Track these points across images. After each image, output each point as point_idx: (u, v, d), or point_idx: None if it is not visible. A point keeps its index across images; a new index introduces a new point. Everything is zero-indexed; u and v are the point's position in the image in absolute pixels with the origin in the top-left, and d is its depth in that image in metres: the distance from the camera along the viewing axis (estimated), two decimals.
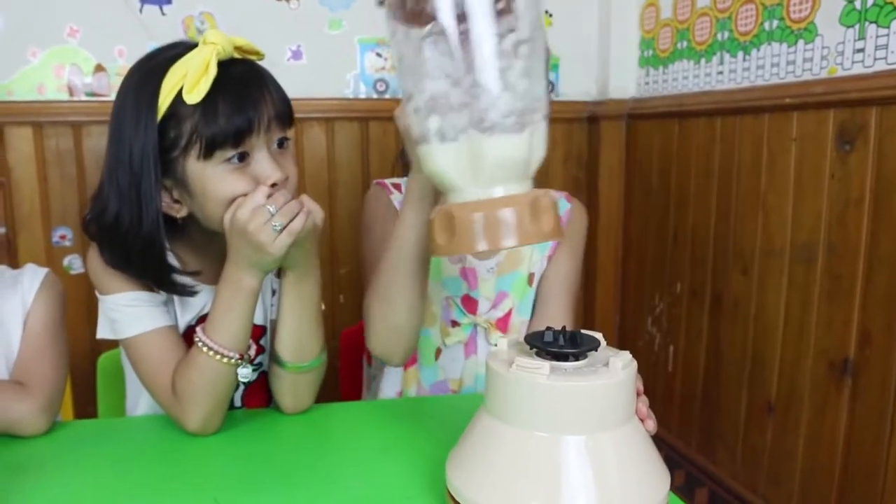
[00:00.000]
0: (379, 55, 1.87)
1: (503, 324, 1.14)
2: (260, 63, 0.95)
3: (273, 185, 0.87)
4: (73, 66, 1.72)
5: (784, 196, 1.46)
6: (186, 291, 0.94)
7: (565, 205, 1.20)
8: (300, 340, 0.94)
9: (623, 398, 0.63)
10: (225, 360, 0.88)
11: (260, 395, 1.08)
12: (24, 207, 1.71)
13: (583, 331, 0.67)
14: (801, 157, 1.42)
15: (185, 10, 1.75)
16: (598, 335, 0.68)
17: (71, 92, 1.73)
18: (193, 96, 0.84)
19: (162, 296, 0.96)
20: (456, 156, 0.70)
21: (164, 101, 0.86)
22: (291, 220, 0.83)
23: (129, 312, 0.94)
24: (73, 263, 1.77)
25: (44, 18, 1.69)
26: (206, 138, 0.86)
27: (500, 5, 0.69)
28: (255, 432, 0.93)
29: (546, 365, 0.62)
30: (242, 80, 0.89)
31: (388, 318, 0.97)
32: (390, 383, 1.16)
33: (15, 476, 0.79)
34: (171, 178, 0.90)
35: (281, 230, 0.82)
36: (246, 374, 0.91)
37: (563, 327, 0.67)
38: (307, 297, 0.93)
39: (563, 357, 0.64)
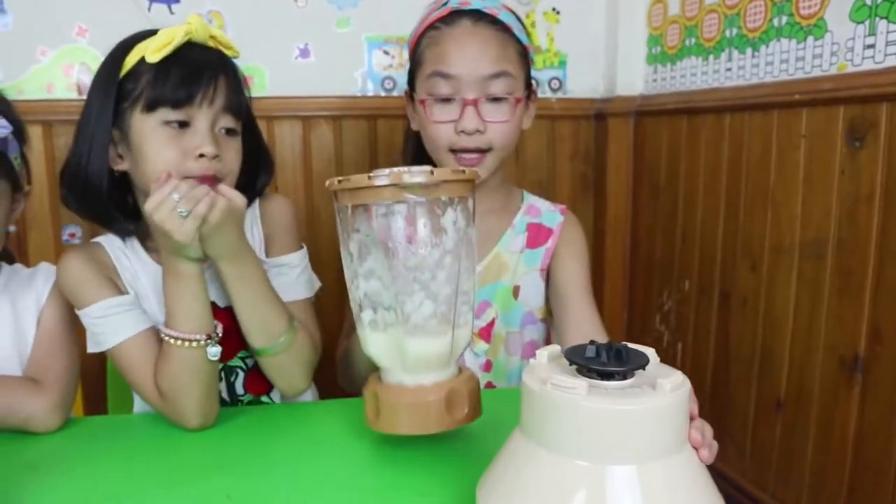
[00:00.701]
0: (386, 53, 1.87)
1: (486, 333, 1.14)
2: (233, 59, 1.01)
3: (201, 157, 0.92)
4: (82, 65, 1.73)
5: (793, 192, 1.45)
6: (127, 232, 1.00)
7: (559, 218, 1.19)
8: (262, 324, 0.96)
9: (673, 424, 0.56)
10: (194, 344, 0.89)
11: (260, 381, 1.09)
12: (34, 205, 1.72)
13: (630, 345, 0.60)
14: (811, 154, 1.41)
15: (194, 8, 1.75)
16: (650, 351, 0.61)
17: (80, 91, 1.73)
18: (154, 56, 0.91)
19: (131, 295, 0.98)
20: (385, 345, 0.77)
21: (130, 61, 0.94)
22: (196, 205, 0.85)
23: (106, 323, 0.96)
24: None
25: (53, 18, 1.70)
26: (152, 93, 0.92)
27: (425, 225, 0.74)
28: (268, 428, 0.93)
29: (583, 384, 0.55)
30: (204, 59, 0.96)
31: (350, 380, 1.08)
32: None
33: (28, 473, 0.80)
34: (118, 129, 0.95)
35: (187, 216, 0.84)
36: (215, 352, 0.91)
37: (610, 343, 0.59)
38: (249, 280, 0.95)
39: (606, 375, 0.57)
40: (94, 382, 1.37)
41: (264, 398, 1.14)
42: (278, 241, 1.08)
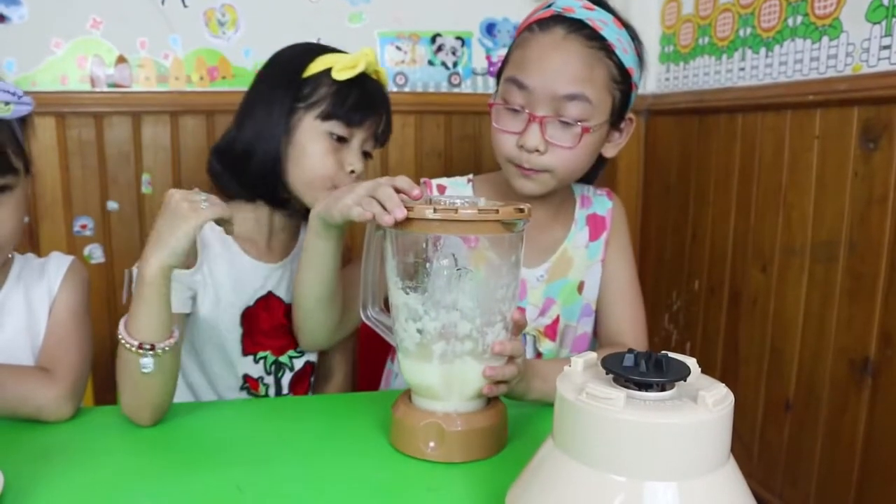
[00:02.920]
0: (399, 48, 1.87)
1: (552, 331, 1.12)
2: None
3: (351, 172, 1.08)
4: (96, 58, 1.73)
5: (805, 194, 1.45)
6: (294, 209, 1.13)
7: (607, 203, 1.19)
8: None
9: (716, 439, 0.53)
10: (129, 347, 0.86)
11: (303, 383, 1.17)
12: (46, 197, 1.73)
13: (671, 354, 0.57)
14: (824, 155, 1.40)
15: (207, 2, 1.75)
16: (691, 361, 0.58)
17: (93, 83, 1.74)
18: (342, 74, 1.05)
19: (189, 272, 1.01)
20: (448, 375, 0.78)
21: (314, 68, 1.07)
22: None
23: None
24: (94, 253, 1.78)
25: (67, 10, 1.70)
26: (332, 106, 1.06)
27: (513, 257, 0.77)
28: (278, 420, 0.94)
29: (621, 395, 0.52)
30: (377, 92, 1.12)
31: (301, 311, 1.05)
32: None
33: (39, 461, 0.80)
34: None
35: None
36: (146, 363, 0.86)
37: (650, 353, 0.56)
38: None
39: (644, 385, 0.54)
40: (104, 373, 1.38)
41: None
42: None
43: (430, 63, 1.89)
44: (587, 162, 1.05)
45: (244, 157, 1.08)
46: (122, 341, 0.88)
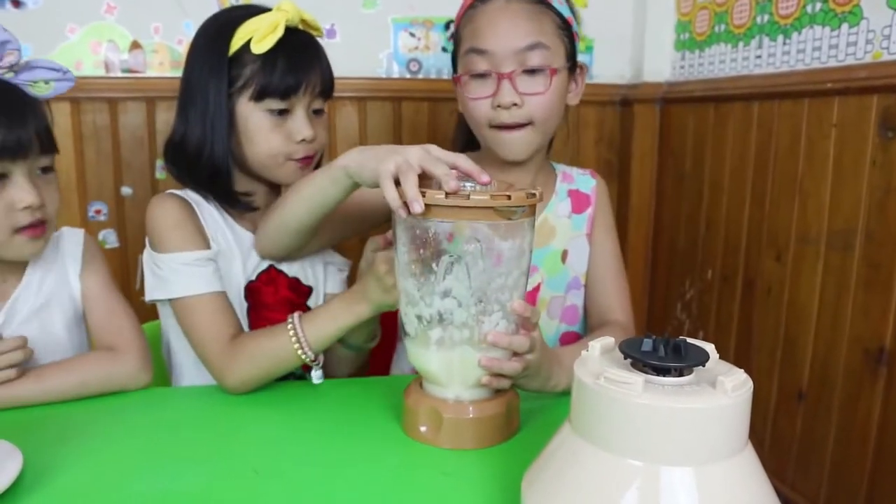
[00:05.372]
0: (412, 35, 1.86)
1: (531, 298, 1.13)
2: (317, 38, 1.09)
3: (301, 141, 1.03)
4: (110, 43, 1.74)
5: (822, 182, 1.43)
6: (250, 208, 1.08)
7: (591, 181, 1.21)
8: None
9: (734, 425, 0.53)
10: (301, 352, 0.92)
11: None
12: (60, 182, 1.73)
13: (689, 340, 0.57)
14: (842, 144, 1.39)
15: None
16: (709, 346, 0.58)
17: (107, 68, 1.74)
18: (261, 47, 0.99)
19: (214, 250, 1.03)
20: (448, 362, 0.78)
21: (234, 45, 1.01)
22: None
23: (183, 272, 1.00)
24: (108, 238, 1.79)
25: None
26: (261, 84, 1.00)
27: (512, 247, 0.76)
28: (295, 404, 0.94)
29: (639, 379, 0.52)
30: (302, 47, 1.04)
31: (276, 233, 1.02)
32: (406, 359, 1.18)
33: (59, 444, 0.81)
34: None
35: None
36: (318, 376, 0.98)
37: (668, 338, 0.56)
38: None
39: (662, 370, 0.54)
40: None
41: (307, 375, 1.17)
42: None
43: (444, 49, 1.88)
44: (560, 107, 1.09)
45: (195, 156, 1.04)
46: (300, 349, 0.92)
